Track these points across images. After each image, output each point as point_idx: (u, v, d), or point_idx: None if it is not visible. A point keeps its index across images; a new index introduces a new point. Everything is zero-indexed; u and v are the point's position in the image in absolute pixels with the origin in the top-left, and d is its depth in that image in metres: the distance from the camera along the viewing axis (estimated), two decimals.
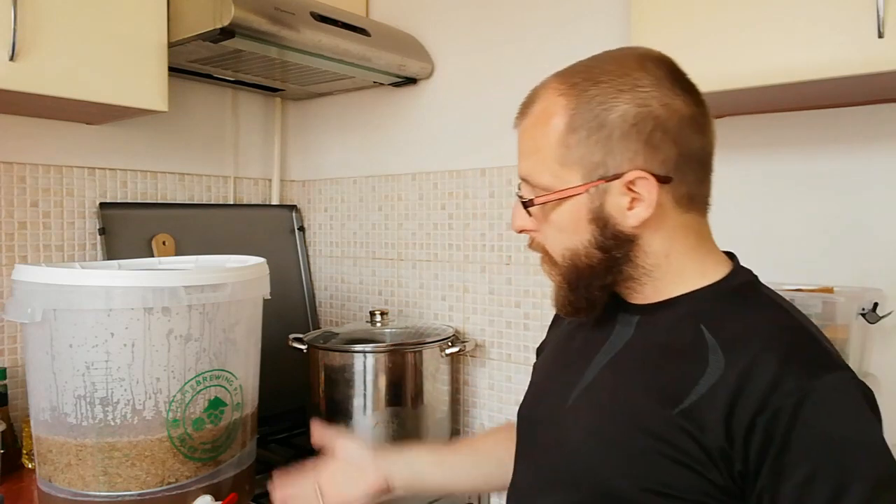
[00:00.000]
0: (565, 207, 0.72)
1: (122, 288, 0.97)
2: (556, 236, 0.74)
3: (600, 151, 0.69)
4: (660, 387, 0.68)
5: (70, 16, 1.16)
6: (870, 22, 0.88)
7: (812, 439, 0.60)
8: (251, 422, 1.16)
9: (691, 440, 0.64)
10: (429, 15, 1.64)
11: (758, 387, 0.62)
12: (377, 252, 1.78)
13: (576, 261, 0.73)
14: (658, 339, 0.72)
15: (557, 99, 0.71)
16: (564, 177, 0.71)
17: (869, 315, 1.04)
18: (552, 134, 0.71)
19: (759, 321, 0.68)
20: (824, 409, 0.60)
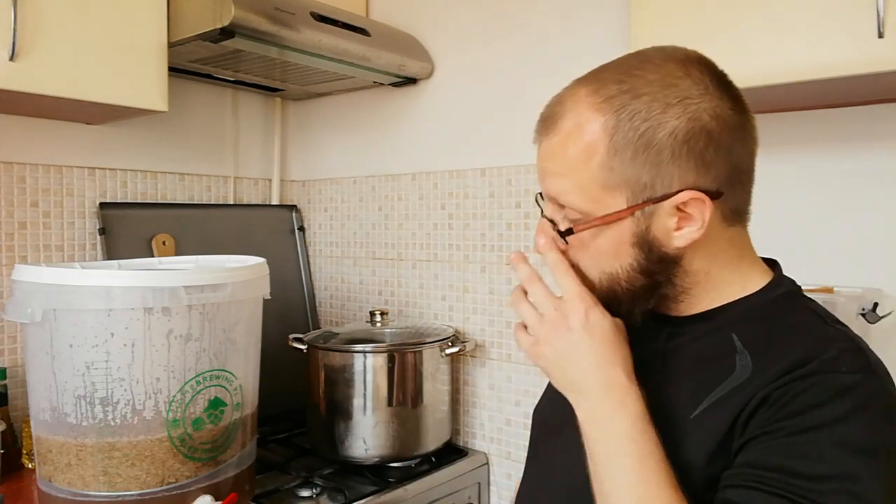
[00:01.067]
0: (608, 233, 0.65)
1: (122, 288, 0.97)
2: (594, 260, 0.68)
3: (649, 172, 0.62)
4: (682, 394, 0.66)
5: (70, 16, 1.16)
6: (870, 22, 0.88)
7: (814, 404, 0.57)
8: (251, 422, 1.16)
9: (700, 442, 0.63)
10: (429, 15, 1.64)
11: (787, 375, 0.60)
12: (377, 252, 1.78)
13: (614, 286, 0.68)
14: (688, 348, 0.70)
15: (593, 115, 0.63)
16: (606, 200, 0.64)
17: (869, 315, 1.04)
18: (591, 155, 0.63)
19: (796, 330, 0.65)
20: (845, 391, 0.57)
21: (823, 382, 0.58)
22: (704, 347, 0.68)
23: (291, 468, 1.40)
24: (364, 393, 1.38)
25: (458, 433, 1.59)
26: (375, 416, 1.38)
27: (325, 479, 1.34)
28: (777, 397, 0.59)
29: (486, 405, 1.56)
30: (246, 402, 1.13)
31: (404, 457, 1.41)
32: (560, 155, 0.65)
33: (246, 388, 1.13)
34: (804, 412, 0.58)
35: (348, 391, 1.39)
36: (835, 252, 1.16)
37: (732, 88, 0.66)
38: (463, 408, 1.60)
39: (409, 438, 1.41)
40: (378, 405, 1.39)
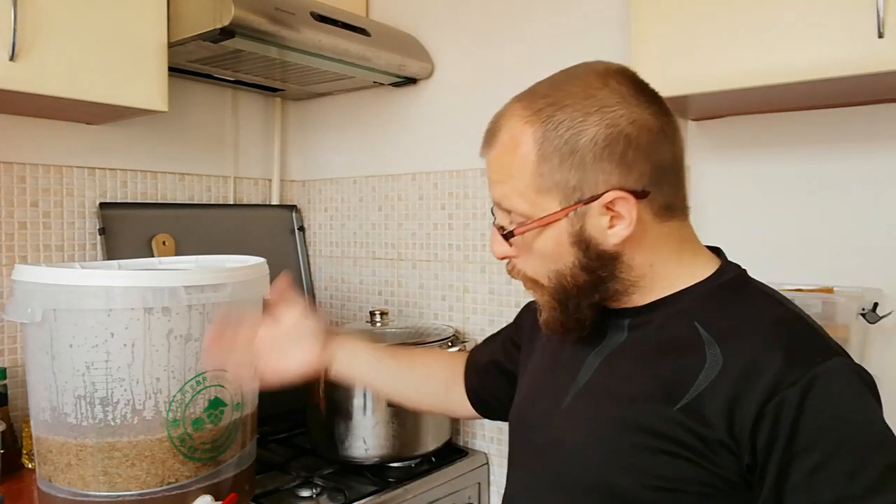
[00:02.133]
0: (547, 234, 0.71)
1: (122, 288, 0.97)
2: (540, 262, 0.74)
3: (575, 176, 0.68)
4: (658, 385, 0.68)
5: (70, 16, 1.16)
6: (870, 22, 0.88)
7: (820, 426, 0.60)
8: (251, 422, 1.16)
9: (693, 435, 0.65)
10: (429, 15, 1.64)
11: (763, 380, 0.62)
12: (377, 252, 1.78)
13: (562, 281, 0.73)
14: (651, 338, 0.73)
15: (524, 127, 0.70)
16: (542, 204, 0.70)
17: (869, 315, 1.04)
18: (524, 163, 0.70)
19: (753, 314, 0.69)
20: (829, 396, 0.61)
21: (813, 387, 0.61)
22: (670, 336, 0.71)
23: (291, 468, 1.40)
24: (364, 393, 1.38)
25: (458, 433, 1.59)
26: (375, 416, 1.38)
27: (325, 479, 1.34)
28: (773, 418, 0.61)
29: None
30: (246, 402, 1.13)
31: (404, 457, 1.41)
32: (499, 164, 0.73)
33: (246, 388, 1.13)
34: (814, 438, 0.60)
35: (348, 391, 1.39)
36: (835, 252, 1.16)
37: (651, 95, 0.72)
38: None
39: (409, 438, 1.41)
40: (378, 405, 1.39)
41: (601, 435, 0.71)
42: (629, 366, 0.73)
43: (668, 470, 0.65)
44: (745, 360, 0.64)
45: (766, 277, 0.84)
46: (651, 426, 0.67)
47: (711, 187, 1.29)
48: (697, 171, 1.32)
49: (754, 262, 1.22)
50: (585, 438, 0.73)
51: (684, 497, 0.65)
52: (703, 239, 0.80)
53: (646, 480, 0.66)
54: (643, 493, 0.67)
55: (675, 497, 0.65)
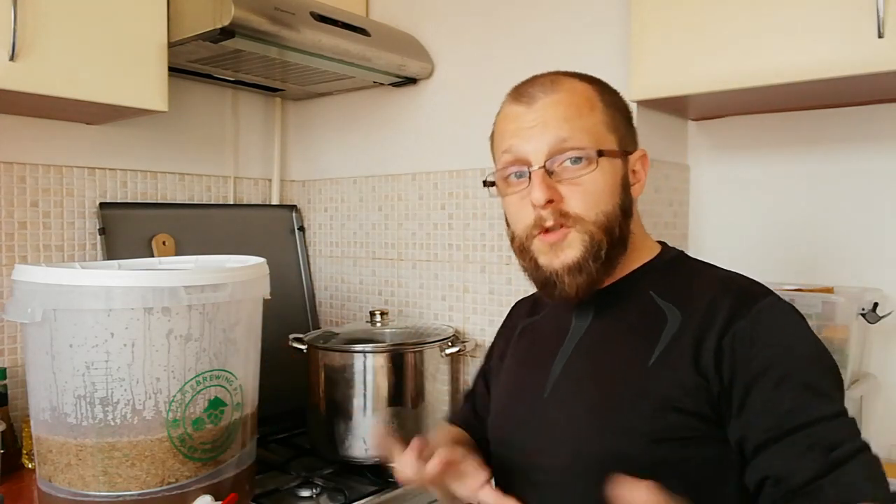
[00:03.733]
0: (606, 168, 0.76)
1: (122, 288, 0.97)
2: (592, 199, 0.76)
3: (624, 127, 0.79)
4: (630, 351, 0.75)
5: (70, 16, 1.16)
6: (870, 22, 0.88)
7: (771, 350, 0.69)
8: (251, 422, 1.16)
9: (670, 384, 0.71)
10: (429, 15, 1.64)
11: (718, 320, 0.71)
12: (377, 252, 1.78)
13: (609, 227, 0.76)
14: (617, 315, 0.79)
15: (583, 84, 0.79)
16: (609, 140, 0.77)
17: (869, 315, 1.04)
18: (594, 105, 0.77)
19: (701, 278, 0.78)
20: (774, 322, 0.70)
21: (761, 316, 0.70)
22: (633, 311, 0.78)
23: (291, 468, 1.40)
24: (364, 393, 1.38)
25: None
26: (375, 416, 1.38)
27: (325, 479, 1.34)
28: (731, 348, 0.69)
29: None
30: (246, 402, 1.13)
31: None
32: (566, 104, 0.77)
33: (246, 388, 1.13)
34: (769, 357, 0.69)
35: (348, 391, 1.39)
36: (835, 252, 1.17)
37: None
38: None
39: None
40: (378, 405, 1.39)
41: (594, 409, 0.75)
42: (601, 344, 0.79)
43: (657, 423, 0.70)
44: (702, 310, 0.72)
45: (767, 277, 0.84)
46: (636, 388, 0.72)
47: (711, 187, 1.29)
48: (697, 171, 1.32)
49: (754, 261, 1.23)
50: (579, 416, 0.76)
51: (676, 446, 0.70)
52: (703, 238, 0.81)
53: (646, 439, 0.70)
54: (650, 449, 0.70)
55: (670, 448, 0.70)
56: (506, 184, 0.80)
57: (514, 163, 0.78)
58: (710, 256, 0.82)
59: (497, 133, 0.83)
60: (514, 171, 0.79)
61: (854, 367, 1.08)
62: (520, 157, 0.77)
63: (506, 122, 0.81)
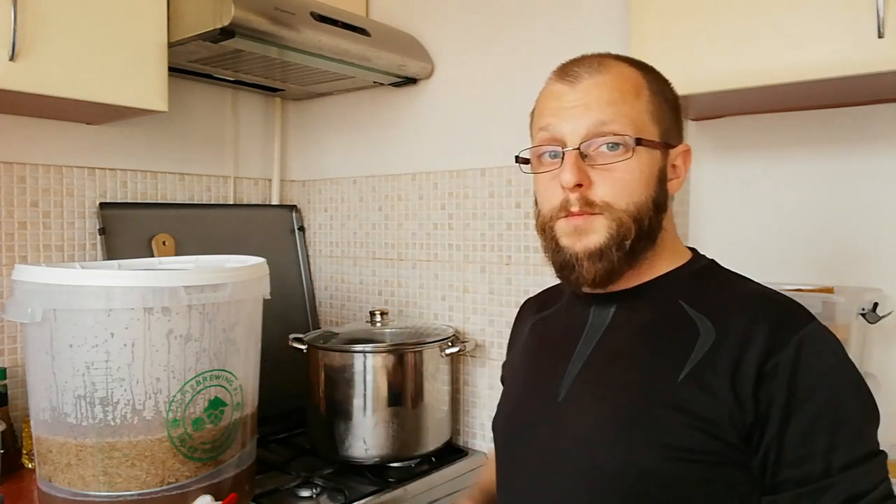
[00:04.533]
0: (643, 158, 0.74)
1: (122, 288, 0.97)
2: (628, 189, 0.73)
3: (670, 119, 0.76)
4: (657, 360, 0.71)
5: (70, 16, 1.16)
6: (870, 22, 0.88)
7: (812, 381, 0.66)
8: (251, 422, 1.16)
9: (698, 402, 0.67)
10: (429, 15, 1.64)
11: (757, 347, 0.67)
12: (377, 252, 1.78)
13: (639, 218, 0.74)
14: (640, 319, 0.76)
15: (631, 69, 0.76)
16: (650, 130, 0.74)
17: (869, 315, 1.04)
18: (640, 92, 0.75)
19: (734, 291, 0.75)
20: (817, 355, 0.67)
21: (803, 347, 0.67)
22: (658, 316, 0.75)
23: (291, 468, 1.40)
24: (364, 393, 1.38)
25: (458, 433, 1.59)
26: (375, 416, 1.38)
27: (325, 479, 1.34)
28: (771, 377, 0.66)
29: (486, 405, 1.56)
30: (246, 402, 1.13)
31: (404, 457, 1.41)
32: (612, 87, 0.74)
33: (246, 388, 1.13)
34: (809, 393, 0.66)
35: (348, 391, 1.39)
36: (835, 252, 1.16)
37: None
38: (463, 408, 1.60)
39: (409, 438, 1.41)
40: (378, 405, 1.39)
41: (615, 418, 0.72)
42: (623, 348, 0.75)
43: (683, 440, 0.68)
44: (739, 334, 0.68)
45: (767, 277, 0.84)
46: (662, 400, 0.69)
47: (711, 187, 1.29)
48: (697, 171, 1.32)
49: (754, 261, 1.23)
50: (597, 423, 0.73)
51: (699, 468, 0.67)
52: (703, 238, 0.81)
53: (671, 453, 0.68)
54: (667, 466, 0.68)
55: (690, 468, 0.67)
56: (539, 162, 0.79)
57: (549, 141, 0.76)
58: (710, 256, 0.82)
59: (537, 109, 0.81)
60: (549, 150, 0.77)
61: None
62: (556, 136, 0.75)
63: (547, 100, 0.78)
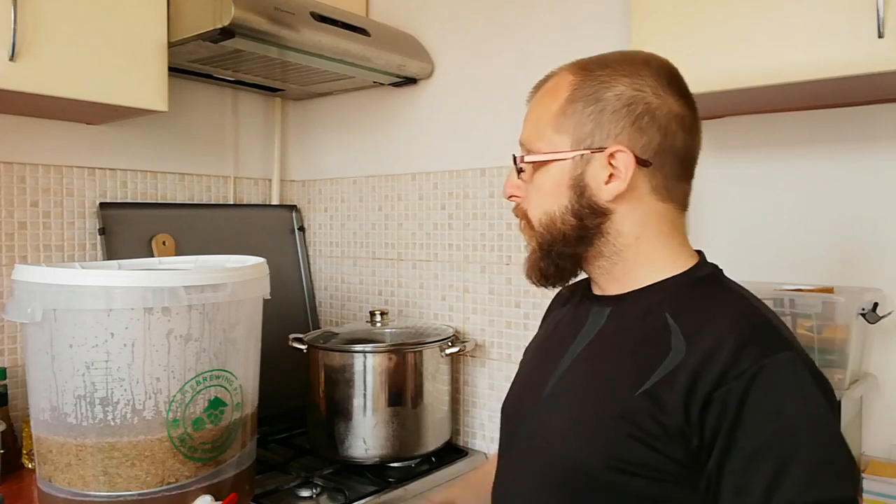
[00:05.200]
0: (550, 170, 0.77)
1: (122, 288, 0.97)
2: (538, 199, 0.78)
3: (591, 123, 0.74)
4: (627, 371, 0.71)
5: (70, 16, 1.16)
6: (870, 22, 0.88)
7: (761, 415, 0.62)
8: (251, 422, 1.16)
9: (651, 419, 0.67)
10: (429, 15, 1.64)
11: (716, 366, 0.65)
12: (377, 252, 1.78)
13: (551, 227, 0.77)
14: (627, 326, 0.76)
15: (567, 76, 0.78)
16: (555, 142, 0.76)
17: (869, 315, 1.04)
18: (553, 102, 0.77)
19: (720, 309, 0.71)
20: (772, 388, 0.63)
21: (759, 377, 0.63)
22: (644, 326, 0.74)
23: (291, 468, 1.40)
24: (364, 393, 1.38)
25: (458, 433, 1.59)
26: (375, 416, 1.38)
27: (325, 479, 1.34)
28: (721, 403, 0.63)
29: (486, 405, 1.56)
30: (246, 402, 1.13)
31: (404, 457, 1.41)
32: (537, 104, 0.80)
33: (246, 388, 1.13)
34: (755, 426, 0.62)
35: (348, 391, 1.39)
36: (835, 252, 1.16)
37: (684, 87, 0.78)
38: (463, 408, 1.60)
39: (409, 438, 1.41)
40: (378, 405, 1.39)
41: (577, 420, 0.74)
42: (606, 354, 0.76)
43: (631, 454, 0.68)
44: (705, 350, 0.66)
45: (767, 277, 0.84)
46: (617, 411, 0.70)
47: (711, 187, 1.29)
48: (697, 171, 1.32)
49: (754, 261, 1.23)
50: (563, 423, 0.75)
51: (640, 481, 0.67)
52: (703, 238, 0.80)
53: (609, 462, 0.69)
54: (606, 474, 0.69)
55: (633, 480, 0.67)
56: None
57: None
58: (711, 256, 0.82)
59: None
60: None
61: (854, 367, 1.08)
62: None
63: None
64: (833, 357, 1.04)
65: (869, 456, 1.12)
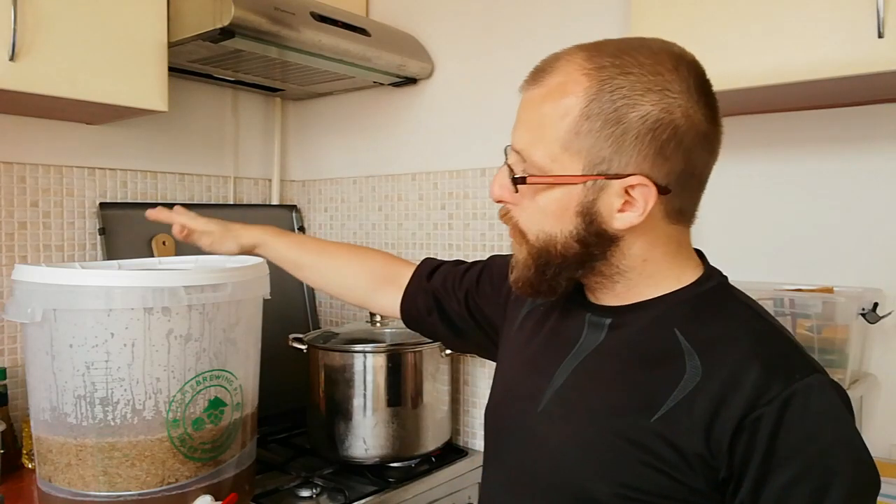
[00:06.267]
0: (556, 193, 0.68)
1: (122, 288, 0.97)
2: (537, 218, 0.70)
3: (610, 147, 0.65)
4: (637, 393, 0.67)
5: (70, 16, 1.16)
6: (870, 22, 0.88)
7: (796, 442, 0.60)
8: (251, 422, 1.16)
9: (668, 447, 0.63)
10: (429, 15, 1.64)
11: (742, 394, 0.61)
12: None
13: (550, 247, 0.70)
14: (631, 342, 0.71)
15: (580, 77, 0.66)
16: (564, 162, 0.66)
17: (869, 315, 1.04)
18: (564, 114, 0.66)
19: (734, 326, 0.67)
20: (807, 413, 0.60)
21: (792, 403, 0.60)
22: (650, 342, 0.69)
23: (291, 468, 1.40)
24: (364, 393, 1.38)
25: (458, 433, 1.59)
26: (375, 416, 1.38)
27: (325, 479, 1.34)
28: (751, 433, 0.61)
29: (485, 405, 1.56)
30: (246, 402, 1.13)
31: (404, 457, 1.41)
32: (537, 107, 0.68)
33: (246, 388, 1.13)
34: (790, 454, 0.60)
35: (348, 391, 1.39)
36: (835, 252, 1.16)
37: (712, 98, 0.68)
38: (463, 408, 1.60)
39: (409, 438, 1.41)
40: (378, 405, 1.39)
41: (579, 440, 0.70)
42: (608, 371, 0.71)
43: (641, 480, 0.64)
44: (726, 374, 0.63)
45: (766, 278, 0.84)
46: (629, 436, 0.66)
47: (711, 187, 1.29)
48: None
49: (754, 261, 1.23)
50: (563, 442, 0.71)
51: None
52: (703, 239, 0.80)
53: (619, 489, 0.65)
54: (615, 501, 0.66)
55: None
56: None
57: None
58: (711, 257, 0.82)
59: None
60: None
61: (854, 367, 1.08)
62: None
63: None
64: (833, 357, 1.04)
65: None
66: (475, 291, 0.97)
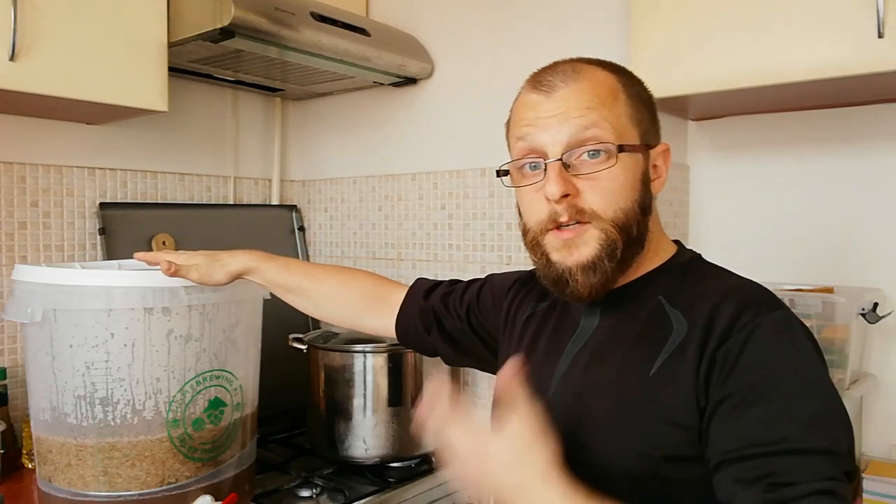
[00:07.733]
0: (629, 163, 0.73)
1: (122, 288, 0.97)
2: (613, 196, 0.72)
3: (647, 119, 0.75)
4: (632, 359, 0.72)
5: (70, 16, 1.16)
6: (870, 22, 0.88)
7: (754, 367, 0.64)
8: (251, 422, 1.16)
9: (667, 392, 0.67)
10: (429, 15, 1.64)
11: (720, 326, 0.67)
12: (377, 252, 1.78)
13: (627, 226, 0.72)
14: (622, 318, 0.76)
15: (605, 73, 0.75)
16: (631, 133, 0.73)
17: (869, 315, 1.04)
18: (618, 96, 0.73)
19: (713, 283, 0.73)
20: (767, 342, 0.65)
21: (756, 332, 0.65)
22: (641, 319, 0.74)
23: (291, 468, 1.40)
24: (364, 393, 1.38)
25: None
26: (375, 416, 1.38)
27: (325, 479, 1.34)
28: (721, 361, 0.65)
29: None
30: (246, 402, 1.13)
31: (404, 457, 1.41)
32: (590, 94, 0.73)
33: (246, 388, 1.13)
34: (744, 377, 0.64)
35: (348, 391, 1.39)
36: (835, 252, 1.17)
37: None
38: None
39: (409, 438, 1.41)
40: (378, 405, 1.39)
41: (595, 418, 0.73)
42: (606, 350, 0.75)
43: (657, 439, 0.67)
44: (704, 318, 0.68)
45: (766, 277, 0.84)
46: (631, 398, 0.70)
47: (711, 187, 1.29)
48: (697, 171, 1.32)
49: (754, 261, 1.23)
50: (578, 420, 0.74)
51: (674, 462, 0.67)
52: (703, 239, 0.80)
53: (639, 449, 0.68)
54: (639, 464, 0.68)
55: (668, 464, 0.67)
56: (520, 174, 0.76)
57: (529, 153, 0.74)
58: (710, 257, 0.82)
59: (513, 120, 0.79)
60: (529, 161, 0.74)
61: (854, 367, 1.08)
62: (536, 147, 0.73)
63: (523, 110, 0.76)
64: (833, 357, 1.05)
65: (869, 456, 1.12)
66: (476, 307, 1.00)
